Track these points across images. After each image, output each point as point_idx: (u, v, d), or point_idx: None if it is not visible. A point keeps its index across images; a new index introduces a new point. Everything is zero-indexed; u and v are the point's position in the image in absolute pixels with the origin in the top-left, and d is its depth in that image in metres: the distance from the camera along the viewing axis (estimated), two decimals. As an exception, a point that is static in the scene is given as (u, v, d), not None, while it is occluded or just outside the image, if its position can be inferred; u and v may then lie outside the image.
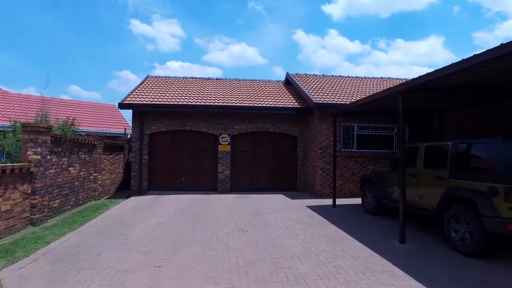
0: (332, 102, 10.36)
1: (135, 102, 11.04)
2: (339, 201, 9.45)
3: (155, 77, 14.62)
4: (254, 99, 11.97)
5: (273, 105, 11.46)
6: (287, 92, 13.15)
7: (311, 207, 8.97)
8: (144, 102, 11.08)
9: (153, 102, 11.11)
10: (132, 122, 11.57)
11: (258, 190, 11.75)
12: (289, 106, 11.53)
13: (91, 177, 10.19)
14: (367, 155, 10.87)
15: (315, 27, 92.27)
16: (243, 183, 11.89)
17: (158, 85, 13.06)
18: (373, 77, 14.83)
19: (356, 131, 10.93)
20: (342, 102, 10.27)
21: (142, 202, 9.73)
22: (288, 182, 12.03)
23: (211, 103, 11.30)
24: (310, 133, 11.66)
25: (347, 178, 10.77)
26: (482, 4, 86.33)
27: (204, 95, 12.11)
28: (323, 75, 14.39)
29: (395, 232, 6.29)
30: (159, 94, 11.83)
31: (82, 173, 9.55)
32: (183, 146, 11.82)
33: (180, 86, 13.20)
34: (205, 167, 11.81)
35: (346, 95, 11.17)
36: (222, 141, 11.67)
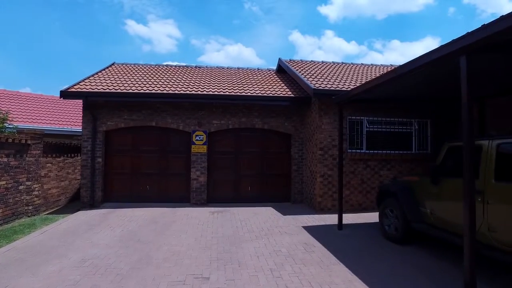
0: (336, 89, 8.01)
1: (83, 90, 8.61)
2: (346, 218, 7.11)
3: (122, 64, 12.19)
4: (237, 87, 9.59)
5: (260, 94, 9.08)
6: (279, 80, 10.79)
7: (309, 229, 6.60)
8: (95, 90, 8.66)
9: (105, 90, 8.68)
10: (82, 117, 9.13)
11: (242, 202, 9.36)
12: (281, 95, 9.16)
13: (21, 187, 7.75)
14: (380, 157, 8.53)
15: (312, 28, 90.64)
16: (223, 192, 9.49)
17: (121, 72, 10.64)
18: (381, 65, 12.51)
19: (366, 127, 8.59)
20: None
21: (86, 221, 7.31)
22: (280, 192, 9.65)
23: (182, 92, 8.90)
24: (307, 130, 9.30)
25: (355, 187, 8.42)
26: (477, 5, 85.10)
27: (175, 83, 9.71)
28: (322, 62, 12.05)
29: (443, 278, 3.95)
30: (118, 82, 9.41)
31: (3, 183, 7.12)
32: (148, 147, 9.40)
33: (149, 73, 10.79)
34: (176, 173, 9.41)
35: (353, 82, 8.82)
36: (196, 140, 9.27)
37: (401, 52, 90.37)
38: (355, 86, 6.16)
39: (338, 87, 8.15)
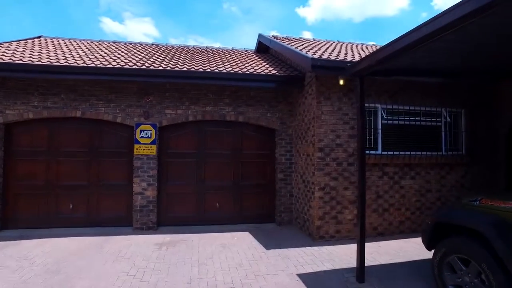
0: (344, 60, 5.48)
1: (-41, 59, 5.63)
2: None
3: (54, 37, 9.14)
4: (201, 64, 6.88)
5: (233, 71, 6.42)
6: (259, 60, 8.16)
7: (309, 281, 4.01)
8: (-20, 60, 5.70)
9: (-4, 60, 5.74)
10: (-34, 102, 6.13)
11: (209, 223, 6.69)
12: (263, 73, 6.54)
13: None
14: (401, 161, 6.08)
15: (290, 29, 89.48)
16: (182, 211, 6.75)
17: (43, 45, 7.65)
18: (385, 46, 10.13)
19: (382, 119, 6.12)
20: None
21: None
22: (261, 209, 7.03)
23: (119, 66, 6.08)
24: (299, 123, 6.73)
25: (368, 203, 5.90)
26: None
27: (114, 56, 6.87)
28: (313, 40, 9.52)
29: None
30: (28, 54, 6.46)
31: None
32: (71, 147, 6.51)
33: (86, 47, 7.85)
34: (112, 185, 6.57)
35: (362, 56, 6.32)
36: (142, 137, 6.49)
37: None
38: (388, 43, 3.65)
39: (346, 59, 5.62)
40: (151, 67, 6.15)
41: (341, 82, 5.64)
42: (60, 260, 4.72)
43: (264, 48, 9.35)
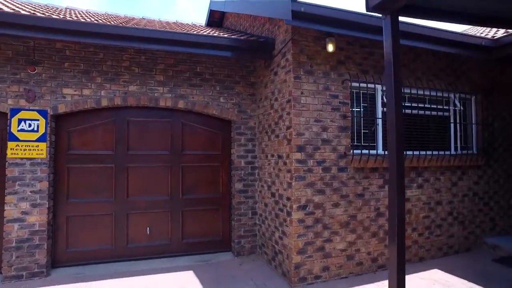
0: (341, 9, 3.64)
1: None
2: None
3: None
4: (124, 24, 4.67)
5: (170, 30, 4.30)
6: (212, 31, 6.11)
7: None
8: None
9: None
10: None
11: (134, 258, 4.51)
12: (215, 35, 4.50)
13: None
14: (408, 164, 4.40)
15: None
16: (92, 242, 4.45)
17: None
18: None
19: (382, 105, 4.39)
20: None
21: None
22: (211, 233, 4.96)
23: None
24: (266, 110, 4.78)
25: (365, 226, 4.14)
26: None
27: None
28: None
29: None
30: None
31: None
32: None
33: None
34: (-32, 207, 4.09)
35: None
36: (22, 130, 4.10)
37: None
38: None
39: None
40: (38, 14, 3.81)
41: (330, 47, 3.83)
42: None
43: (217, 20, 7.38)
